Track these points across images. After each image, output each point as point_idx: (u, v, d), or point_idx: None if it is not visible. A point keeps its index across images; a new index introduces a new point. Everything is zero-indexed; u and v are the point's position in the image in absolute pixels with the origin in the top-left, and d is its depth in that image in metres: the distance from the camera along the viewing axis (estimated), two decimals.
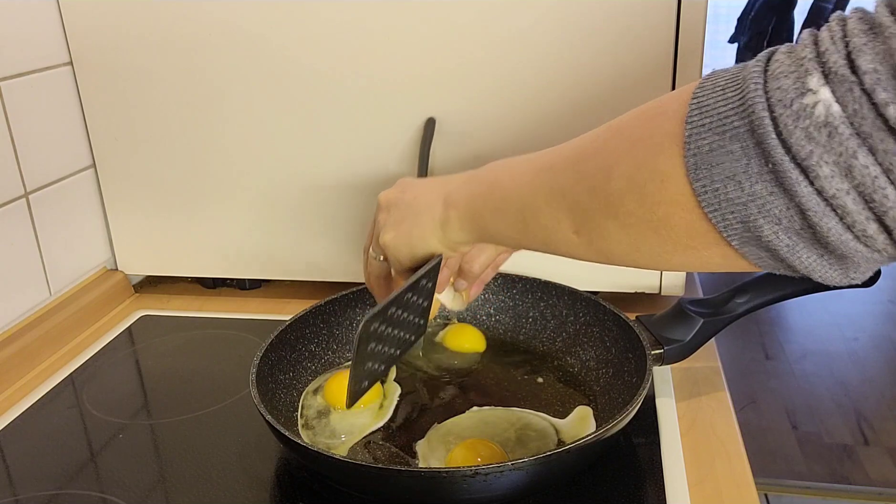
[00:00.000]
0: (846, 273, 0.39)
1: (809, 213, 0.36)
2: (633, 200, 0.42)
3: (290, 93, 0.81)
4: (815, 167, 0.35)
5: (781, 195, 0.37)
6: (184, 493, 0.59)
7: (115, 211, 0.91)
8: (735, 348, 2.54)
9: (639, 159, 0.42)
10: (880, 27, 0.34)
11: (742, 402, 2.28)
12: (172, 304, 0.92)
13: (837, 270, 0.39)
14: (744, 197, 0.38)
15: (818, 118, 0.35)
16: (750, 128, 0.37)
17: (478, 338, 0.77)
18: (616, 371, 0.68)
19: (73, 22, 0.83)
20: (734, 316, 0.67)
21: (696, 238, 0.41)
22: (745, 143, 0.37)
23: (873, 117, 0.33)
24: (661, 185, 0.41)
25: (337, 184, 0.84)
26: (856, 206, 0.35)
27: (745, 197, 0.38)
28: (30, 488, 0.61)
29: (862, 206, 0.35)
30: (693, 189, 0.39)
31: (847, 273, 0.39)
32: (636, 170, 0.42)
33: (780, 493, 1.92)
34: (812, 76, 0.35)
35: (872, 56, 0.33)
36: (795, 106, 0.35)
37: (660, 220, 0.41)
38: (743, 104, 0.37)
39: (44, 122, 0.82)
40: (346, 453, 0.62)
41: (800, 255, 0.38)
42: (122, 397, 0.73)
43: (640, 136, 0.42)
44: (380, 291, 0.66)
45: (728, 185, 0.38)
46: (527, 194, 0.50)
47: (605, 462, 0.59)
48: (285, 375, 0.69)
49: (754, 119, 0.36)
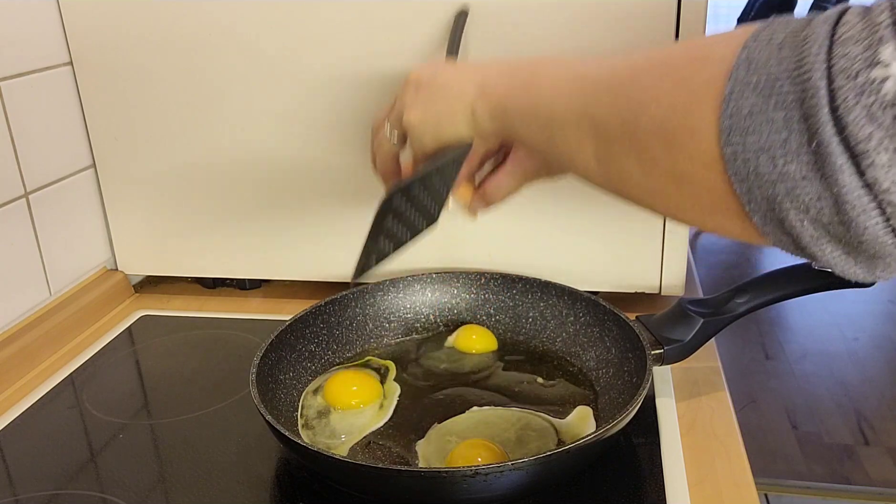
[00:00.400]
0: (872, 271, 0.36)
1: (846, 206, 0.32)
2: (659, 146, 0.39)
3: (289, 92, 0.81)
4: (871, 153, 0.31)
5: (816, 181, 0.33)
6: (184, 493, 0.59)
7: (115, 211, 0.91)
8: (735, 348, 2.55)
9: (673, 104, 0.38)
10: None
11: (742, 402, 2.28)
12: (172, 304, 0.92)
13: (863, 268, 0.36)
14: (774, 175, 0.34)
15: (885, 96, 0.30)
16: (801, 96, 0.32)
17: (489, 337, 0.77)
18: (616, 371, 0.68)
19: (73, 22, 0.83)
20: (734, 316, 0.67)
21: (717, 203, 0.38)
22: (791, 113, 0.33)
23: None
24: (690, 138, 0.37)
25: (337, 184, 0.84)
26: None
27: (776, 175, 0.34)
28: (30, 488, 0.61)
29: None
30: (722, 153, 0.36)
31: (873, 271, 0.36)
32: (669, 115, 0.38)
33: (780, 493, 1.92)
34: (886, 46, 0.30)
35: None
36: (861, 79, 0.31)
37: (683, 175, 0.39)
38: (799, 67, 0.32)
39: (44, 122, 0.82)
40: (346, 453, 0.62)
41: (823, 248, 0.35)
42: (122, 397, 0.73)
43: (679, 78, 0.39)
44: (386, 174, 0.64)
45: (760, 158, 0.34)
46: (558, 106, 0.47)
47: (605, 462, 0.59)
48: (285, 375, 0.69)
49: (808, 87, 0.32)
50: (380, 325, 0.78)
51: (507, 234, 0.83)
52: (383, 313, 0.79)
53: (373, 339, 0.77)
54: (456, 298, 0.80)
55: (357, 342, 0.77)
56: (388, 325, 0.79)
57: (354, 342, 0.76)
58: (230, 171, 0.85)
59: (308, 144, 0.83)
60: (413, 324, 0.79)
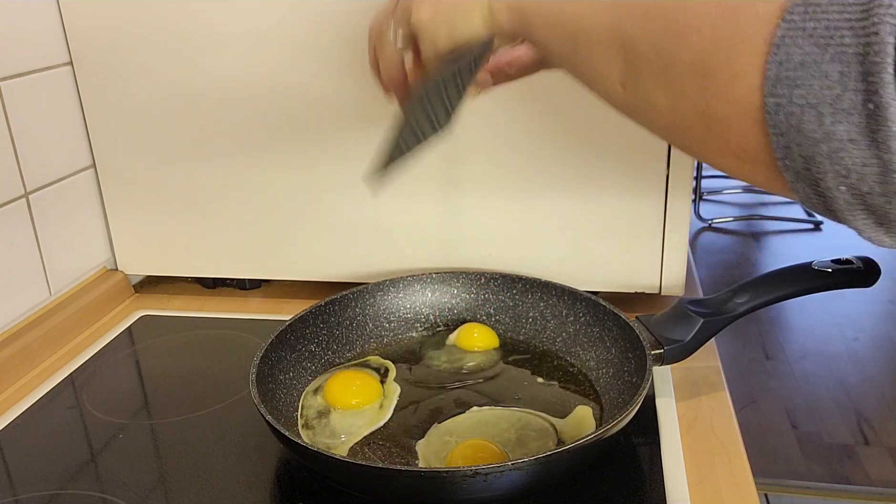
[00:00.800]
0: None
1: (894, 176, 0.30)
2: (694, 83, 0.36)
3: (290, 91, 0.81)
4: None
5: (865, 145, 0.30)
6: (184, 493, 0.59)
7: (115, 211, 0.91)
8: (735, 348, 2.55)
9: (717, 38, 0.35)
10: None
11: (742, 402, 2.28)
12: (172, 304, 0.92)
13: (892, 238, 0.34)
14: (818, 133, 0.31)
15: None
16: (864, 50, 0.30)
17: (490, 334, 0.77)
18: (616, 371, 0.68)
19: (73, 22, 0.83)
20: (734, 316, 0.67)
21: (746, 151, 0.35)
22: (848, 68, 0.30)
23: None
24: (729, 81, 0.34)
25: (337, 183, 0.84)
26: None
27: (821, 134, 0.31)
28: (30, 488, 0.61)
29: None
30: (764, 103, 0.33)
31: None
32: (710, 50, 0.35)
33: (780, 493, 1.92)
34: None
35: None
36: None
37: (714, 117, 0.36)
38: (866, 18, 0.30)
39: (44, 122, 0.82)
40: (346, 453, 0.62)
41: (855, 215, 0.33)
42: (122, 397, 0.73)
43: (729, 9, 0.35)
44: (393, 82, 0.60)
45: (806, 114, 0.32)
46: (585, 19, 0.44)
47: (605, 462, 0.59)
48: (285, 375, 0.69)
49: (874, 41, 0.29)
50: (380, 325, 0.78)
51: (506, 234, 0.83)
52: (383, 313, 0.79)
53: (373, 339, 0.77)
54: (456, 298, 0.80)
55: (357, 342, 0.77)
56: (388, 325, 0.79)
57: (354, 342, 0.76)
58: (230, 170, 0.85)
59: (308, 143, 0.83)
60: (413, 324, 0.79)
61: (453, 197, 0.82)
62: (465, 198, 0.82)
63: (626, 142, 0.77)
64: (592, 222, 0.81)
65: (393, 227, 0.85)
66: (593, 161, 0.78)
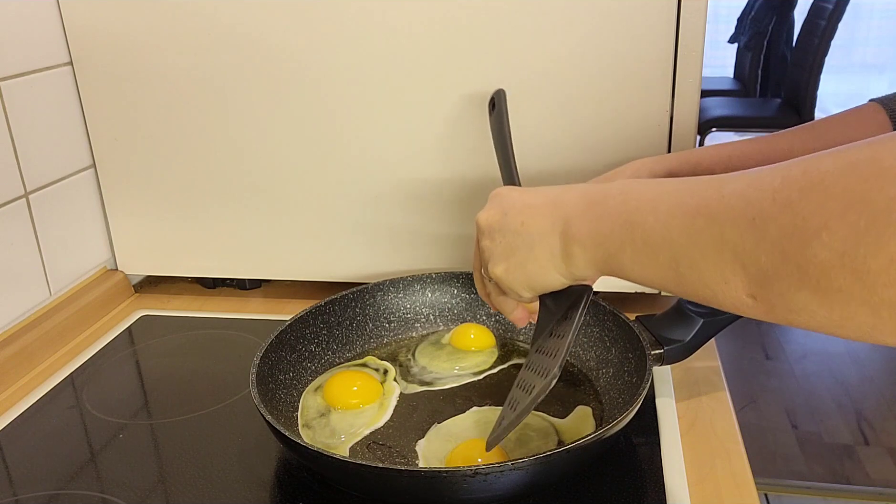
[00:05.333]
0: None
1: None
2: (844, 276, 0.34)
3: (289, 92, 0.81)
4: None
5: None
6: (184, 493, 0.59)
7: (115, 211, 0.91)
8: (735, 348, 2.54)
9: (853, 229, 0.33)
10: None
11: (742, 402, 2.28)
12: (172, 304, 0.92)
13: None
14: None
15: None
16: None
17: (486, 335, 0.77)
18: (616, 371, 0.68)
19: (73, 22, 0.83)
20: (734, 316, 0.67)
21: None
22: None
23: None
24: (890, 265, 0.32)
25: (337, 183, 0.84)
26: None
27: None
28: (30, 488, 0.61)
29: None
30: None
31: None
32: (852, 243, 0.33)
33: (780, 493, 1.92)
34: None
35: None
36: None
37: (883, 302, 0.33)
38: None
39: (44, 122, 0.82)
40: (346, 453, 0.62)
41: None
42: (122, 397, 0.73)
43: (849, 202, 0.33)
44: (506, 312, 0.60)
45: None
46: (682, 243, 0.42)
47: (605, 462, 0.59)
48: (285, 375, 0.69)
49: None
50: (380, 325, 0.78)
51: None
52: (383, 313, 0.79)
53: (373, 339, 0.77)
54: (456, 298, 0.80)
55: (357, 342, 0.77)
56: (388, 325, 0.79)
57: (354, 342, 0.76)
58: (230, 170, 0.86)
59: (308, 143, 0.83)
60: (413, 324, 0.79)
61: (453, 196, 0.82)
62: (465, 197, 0.82)
63: (626, 141, 0.77)
64: None
65: (393, 227, 0.85)
66: (593, 160, 0.78)
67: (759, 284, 0.38)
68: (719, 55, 3.63)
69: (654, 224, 0.44)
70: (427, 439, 0.63)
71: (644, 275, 0.46)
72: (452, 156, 0.80)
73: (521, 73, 0.76)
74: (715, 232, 0.40)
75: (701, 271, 0.41)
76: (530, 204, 0.53)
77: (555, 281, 0.53)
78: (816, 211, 0.35)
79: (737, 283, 0.40)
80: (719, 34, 3.53)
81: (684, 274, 0.43)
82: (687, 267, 0.42)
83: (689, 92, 0.74)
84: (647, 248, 0.45)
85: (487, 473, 0.51)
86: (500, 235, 0.54)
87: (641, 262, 0.45)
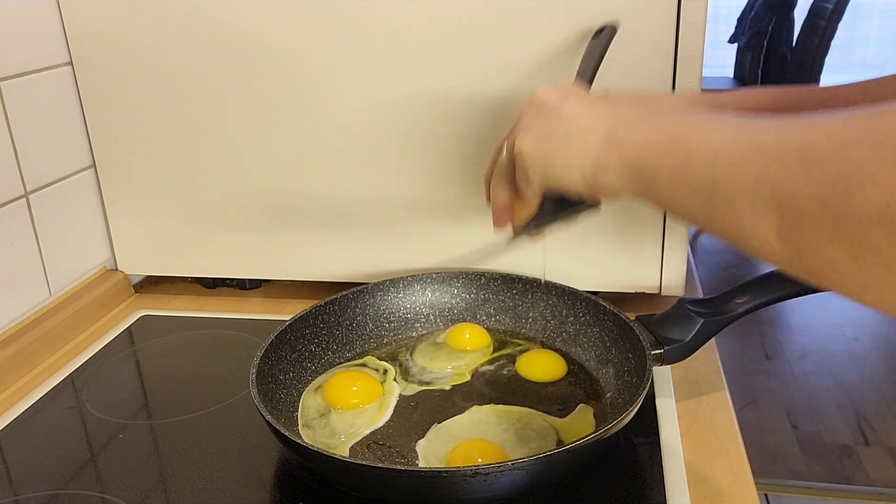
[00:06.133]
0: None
1: None
2: (882, 235, 0.32)
3: (289, 92, 0.81)
4: None
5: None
6: (184, 493, 0.59)
7: (115, 211, 0.91)
8: (735, 348, 2.55)
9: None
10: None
11: (742, 402, 2.28)
12: (172, 304, 0.92)
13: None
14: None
15: None
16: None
17: (481, 334, 0.77)
18: (616, 371, 0.68)
19: (73, 22, 0.83)
20: (734, 316, 0.67)
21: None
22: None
23: None
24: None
25: (337, 183, 0.84)
26: None
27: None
28: (30, 488, 0.61)
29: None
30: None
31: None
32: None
33: (780, 493, 1.92)
34: None
35: None
36: None
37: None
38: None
39: (44, 122, 0.82)
40: (346, 453, 0.62)
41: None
42: (122, 397, 0.73)
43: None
44: (495, 204, 0.60)
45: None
46: (725, 171, 0.40)
47: (605, 462, 0.59)
48: (285, 375, 0.69)
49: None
50: (380, 325, 0.78)
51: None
52: (383, 313, 0.79)
53: (373, 339, 0.77)
54: (456, 298, 0.80)
55: (357, 342, 0.77)
56: (388, 325, 0.79)
57: (354, 342, 0.76)
58: (230, 170, 0.86)
59: (308, 144, 0.83)
60: (413, 324, 0.79)
61: (453, 197, 0.82)
62: (465, 198, 0.82)
63: None
64: (592, 222, 0.81)
65: (393, 227, 0.85)
66: None
67: (791, 226, 0.36)
68: (719, 55, 3.63)
69: (702, 145, 0.42)
70: (427, 439, 0.63)
71: (674, 197, 0.45)
72: (453, 156, 0.80)
73: (520, 73, 0.76)
74: (759, 164, 0.38)
75: (734, 203, 0.40)
76: (590, 101, 0.52)
77: (572, 181, 0.51)
78: (867, 160, 0.33)
79: (768, 221, 0.38)
80: (719, 34, 3.54)
81: (717, 203, 0.41)
82: (722, 197, 0.40)
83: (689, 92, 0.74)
84: (688, 167, 0.43)
85: (487, 473, 0.51)
86: (549, 115, 0.52)
87: (677, 181, 0.44)
